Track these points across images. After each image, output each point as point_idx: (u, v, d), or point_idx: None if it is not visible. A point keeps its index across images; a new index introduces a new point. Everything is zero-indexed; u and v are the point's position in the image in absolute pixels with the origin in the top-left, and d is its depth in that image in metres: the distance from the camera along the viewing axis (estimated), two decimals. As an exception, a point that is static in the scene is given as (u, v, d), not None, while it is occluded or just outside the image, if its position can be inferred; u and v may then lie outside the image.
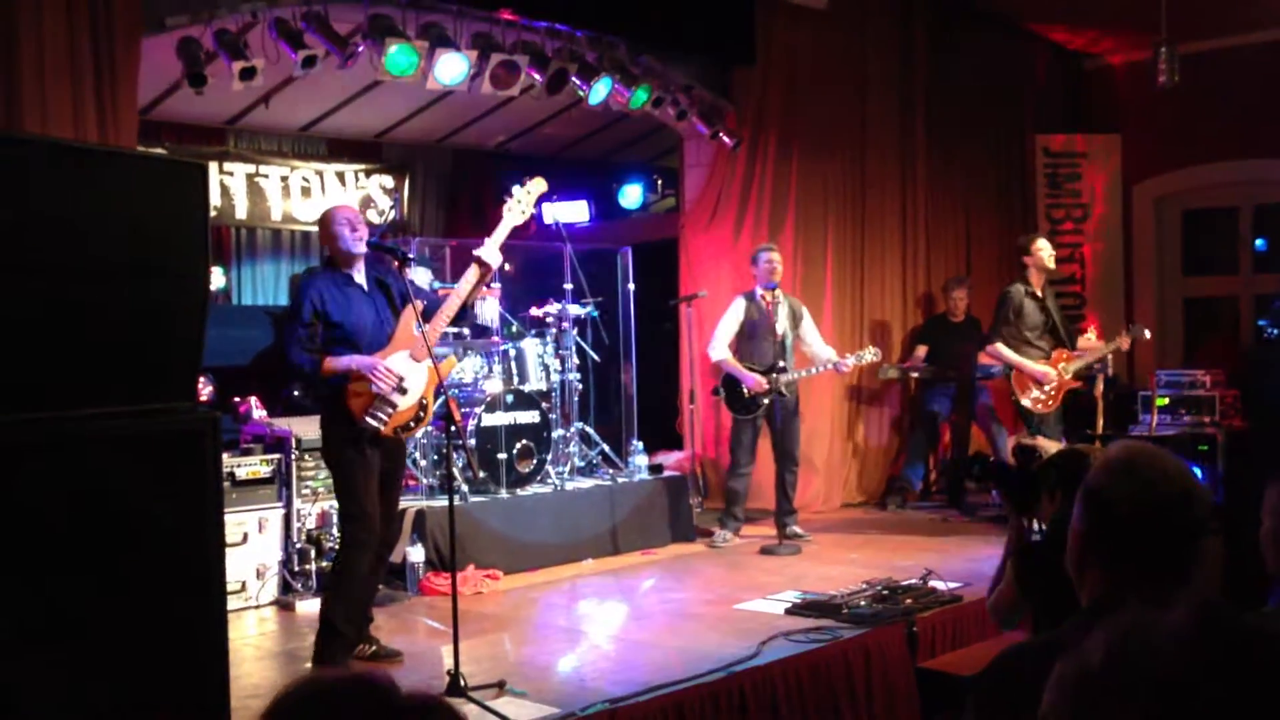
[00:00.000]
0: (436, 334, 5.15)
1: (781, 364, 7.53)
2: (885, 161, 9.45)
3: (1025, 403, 7.72)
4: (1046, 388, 7.66)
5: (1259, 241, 10.68)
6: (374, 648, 5.15)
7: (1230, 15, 9.52)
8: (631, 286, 8.63)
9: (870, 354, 7.82)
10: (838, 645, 5.07)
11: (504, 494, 7.10)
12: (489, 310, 7.66)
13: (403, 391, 4.96)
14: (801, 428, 8.76)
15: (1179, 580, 1.95)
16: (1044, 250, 7.86)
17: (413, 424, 5.08)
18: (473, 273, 5.13)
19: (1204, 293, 11.02)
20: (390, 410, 4.94)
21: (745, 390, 7.49)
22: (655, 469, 8.01)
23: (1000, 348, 7.73)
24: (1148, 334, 8.14)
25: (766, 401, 7.49)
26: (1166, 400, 8.91)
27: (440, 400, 5.15)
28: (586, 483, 7.69)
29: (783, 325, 7.59)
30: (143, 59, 5.80)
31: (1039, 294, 7.83)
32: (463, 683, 4.45)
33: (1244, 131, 10.02)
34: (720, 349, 7.56)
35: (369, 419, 4.89)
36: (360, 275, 5.13)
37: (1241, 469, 8.21)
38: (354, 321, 5.01)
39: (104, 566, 2.70)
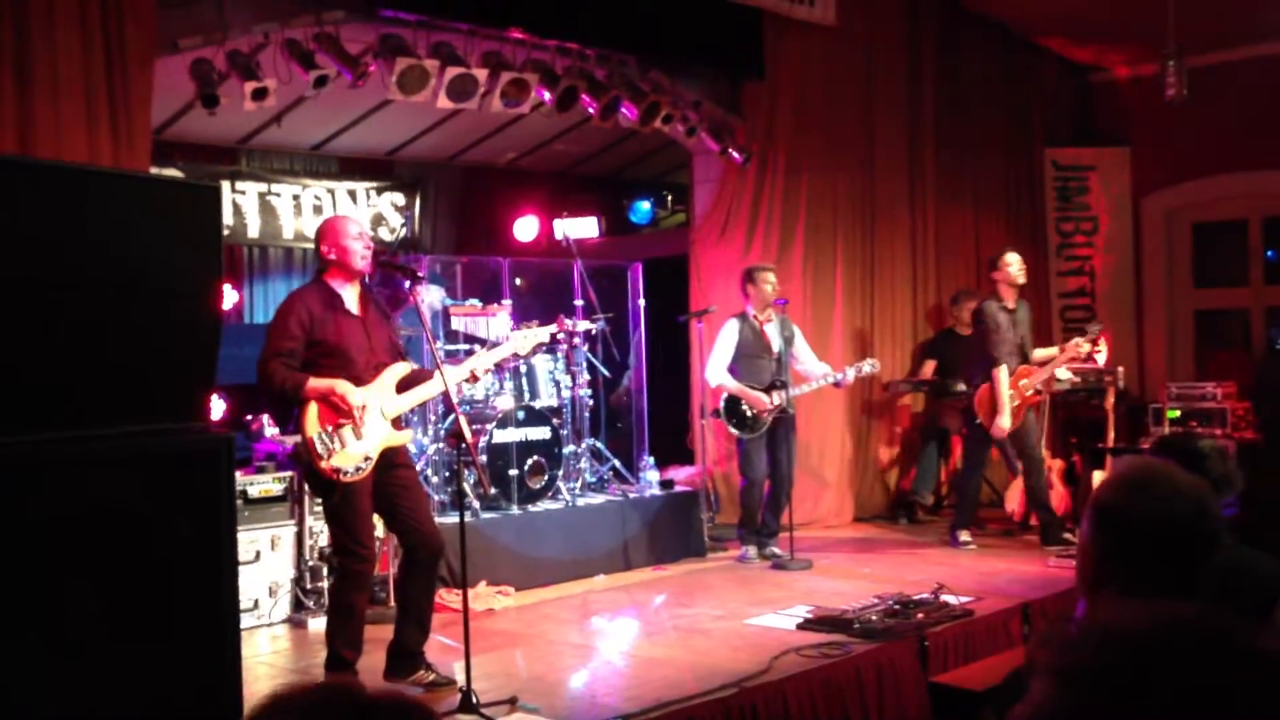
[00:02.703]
0: (404, 406, 5.04)
1: (780, 380, 7.51)
2: (894, 176, 9.47)
3: (984, 422, 7.67)
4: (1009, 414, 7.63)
5: (1269, 253, 10.66)
6: (432, 675, 4.94)
7: (1238, 28, 9.52)
8: (642, 302, 8.65)
9: (869, 365, 7.76)
10: (850, 660, 5.07)
11: (515, 510, 7.12)
12: (500, 327, 7.68)
13: (357, 436, 4.78)
14: (812, 443, 8.78)
15: (1191, 592, 1.95)
16: (1012, 265, 7.81)
17: (351, 470, 4.77)
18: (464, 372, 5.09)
19: (1214, 305, 10.99)
20: (336, 447, 4.72)
21: (748, 410, 7.47)
22: (666, 484, 8.01)
23: (1003, 375, 7.59)
24: (1100, 338, 8.02)
25: (769, 419, 7.47)
26: (1178, 413, 8.90)
27: (451, 418, 5.13)
28: (598, 498, 7.70)
29: (777, 342, 7.57)
30: (156, 80, 5.85)
31: (1010, 307, 7.80)
32: (475, 699, 4.45)
33: (1253, 144, 10.01)
34: (719, 374, 7.51)
35: (316, 442, 4.68)
36: (352, 294, 4.94)
37: (1254, 482, 8.17)
38: (343, 341, 4.82)
39: (118, 584, 2.72)
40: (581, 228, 11.29)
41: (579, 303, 7.96)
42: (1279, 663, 1.00)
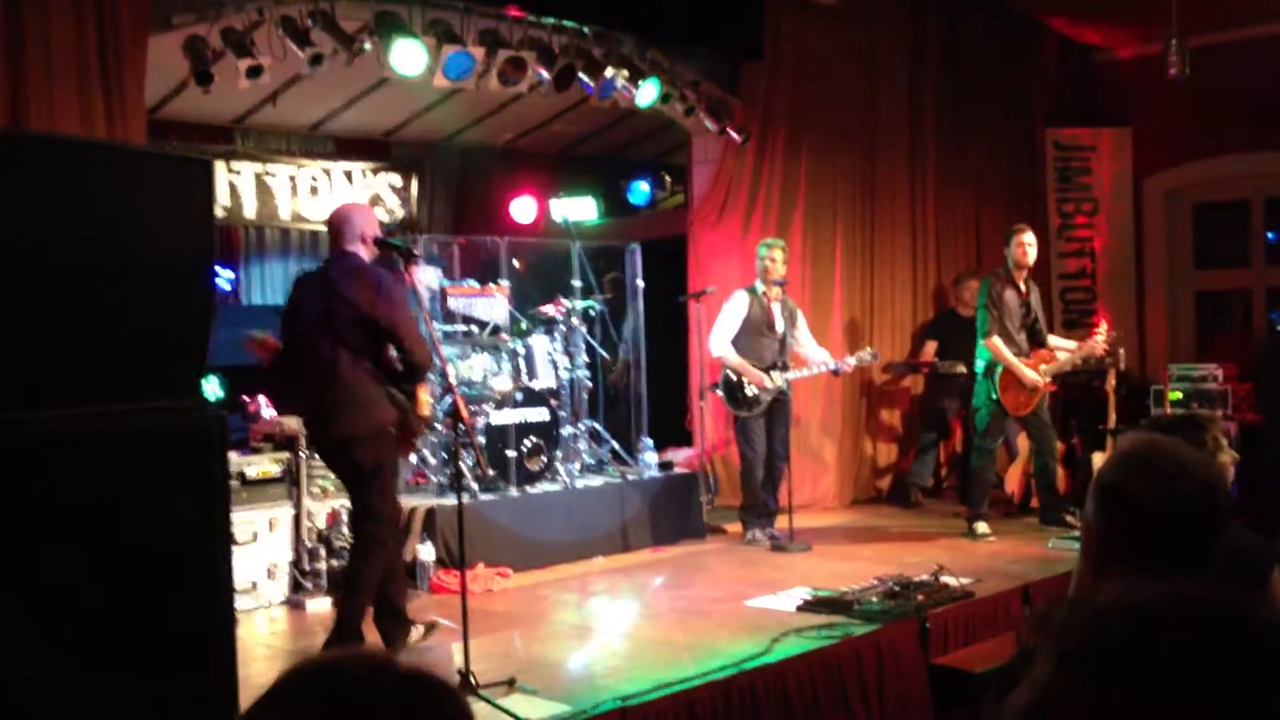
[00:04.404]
0: None
1: (781, 361, 7.47)
2: (895, 156, 9.41)
3: (1005, 402, 7.53)
4: (1029, 389, 7.55)
5: (1271, 234, 10.62)
6: (422, 626, 5.22)
7: (1240, 7, 9.46)
8: (641, 283, 8.60)
9: (869, 355, 7.72)
10: (849, 642, 5.05)
11: (514, 492, 7.09)
12: (498, 308, 7.64)
13: None
14: (811, 425, 8.75)
15: (1199, 570, 1.92)
16: (1019, 246, 7.58)
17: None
18: None
19: (1216, 286, 10.96)
20: None
21: (747, 387, 7.43)
22: (665, 466, 7.99)
23: (998, 344, 7.49)
24: (1115, 341, 7.95)
25: (767, 399, 7.44)
26: (1179, 394, 8.87)
27: (448, 399, 5.16)
28: (596, 480, 7.67)
29: (781, 322, 7.53)
30: (149, 58, 5.79)
31: (1020, 286, 7.65)
32: (473, 680, 4.44)
33: (1255, 124, 9.96)
34: (722, 345, 7.49)
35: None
36: None
37: (1256, 463, 8.15)
38: None
39: (111, 566, 2.69)
40: (579, 208, 11.24)
41: (577, 284, 7.92)
42: None
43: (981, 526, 7.55)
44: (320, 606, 6.10)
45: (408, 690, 1.12)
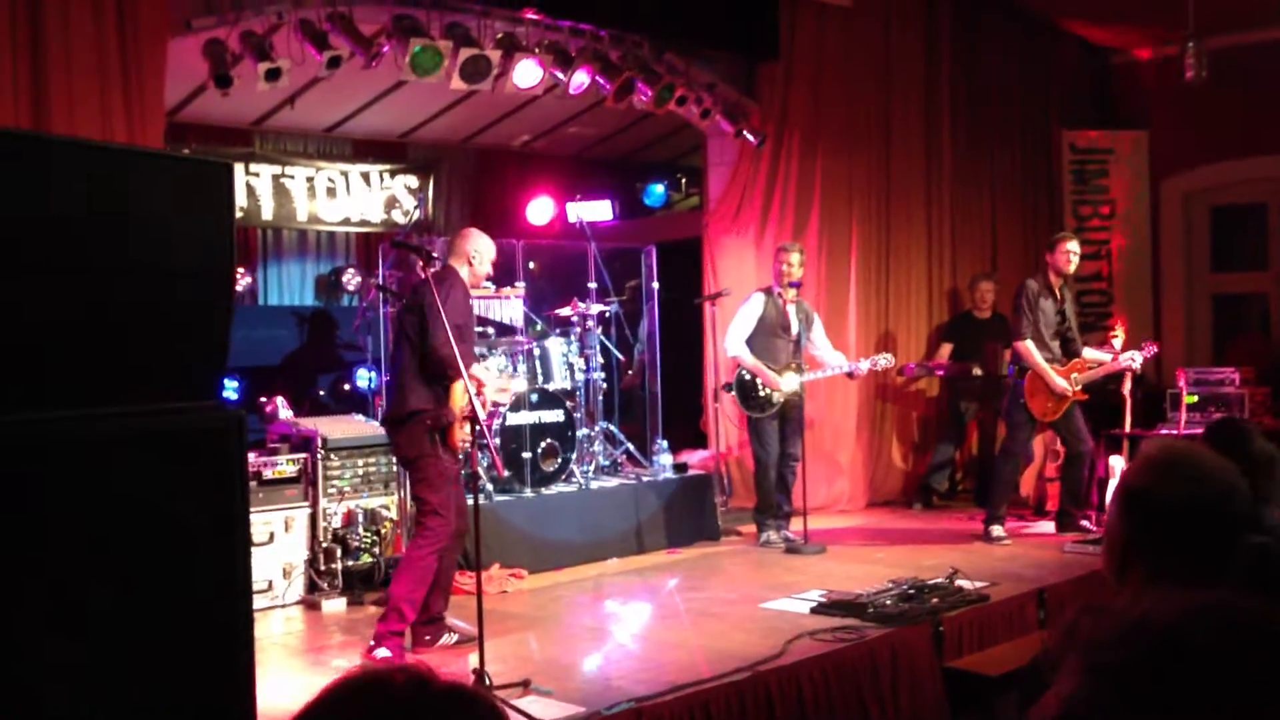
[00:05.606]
0: None
1: (796, 363, 7.47)
2: (910, 158, 9.40)
3: (1031, 408, 7.46)
4: (1057, 396, 7.52)
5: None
6: (456, 635, 5.36)
7: (1258, 9, 9.42)
8: (656, 285, 8.62)
9: (884, 360, 7.69)
10: (864, 644, 5.05)
11: (529, 493, 7.11)
12: (513, 310, 7.67)
13: None
14: (826, 427, 8.75)
15: (1220, 575, 1.93)
16: (1064, 255, 7.51)
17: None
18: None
19: (1233, 289, 10.90)
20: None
21: (761, 387, 7.43)
22: (680, 468, 7.99)
23: (1030, 348, 7.41)
24: (1154, 349, 7.97)
25: (781, 400, 7.44)
26: (1196, 398, 8.83)
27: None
28: (611, 482, 7.68)
29: (796, 324, 7.54)
30: (169, 61, 5.83)
31: (1056, 293, 7.59)
32: (488, 681, 4.46)
33: (1273, 126, 9.91)
34: (737, 345, 7.49)
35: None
36: None
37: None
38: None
39: (127, 566, 2.71)
40: (595, 211, 11.26)
41: (592, 285, 7.93)
42: None
43: (997, 530, 7.52)
44: (336, 606, 6.13)
45: (449, 705, 1.13)
